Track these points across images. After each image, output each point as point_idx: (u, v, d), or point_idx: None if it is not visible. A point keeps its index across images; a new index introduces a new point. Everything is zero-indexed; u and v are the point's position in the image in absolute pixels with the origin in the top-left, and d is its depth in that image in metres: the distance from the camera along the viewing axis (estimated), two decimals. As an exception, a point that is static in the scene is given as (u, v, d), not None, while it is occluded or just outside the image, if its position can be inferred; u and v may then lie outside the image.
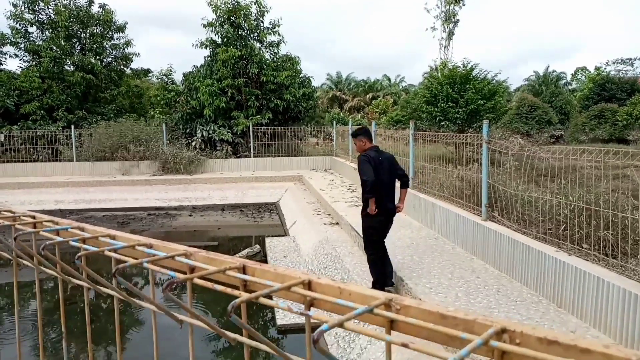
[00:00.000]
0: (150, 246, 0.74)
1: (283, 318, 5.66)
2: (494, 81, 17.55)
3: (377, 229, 5.28)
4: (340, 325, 0.45)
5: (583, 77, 41.60)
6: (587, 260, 4.39)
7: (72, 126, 17.86)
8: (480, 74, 17.40)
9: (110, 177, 16.33)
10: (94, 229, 0.83)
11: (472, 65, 17.42)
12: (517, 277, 5.01)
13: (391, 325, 0.49)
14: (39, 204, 14.12)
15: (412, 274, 5.25)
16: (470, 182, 6.95)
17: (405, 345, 0.42)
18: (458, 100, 16.65)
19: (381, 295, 0.50)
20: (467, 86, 16.73)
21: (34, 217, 0.96)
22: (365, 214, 5.23)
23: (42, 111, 18.67)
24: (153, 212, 13.50)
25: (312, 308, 0.55)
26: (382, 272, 5.26)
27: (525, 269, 4.91)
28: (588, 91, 30.79)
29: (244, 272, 0.61)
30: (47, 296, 7.07)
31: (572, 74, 44.38)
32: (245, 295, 0.50)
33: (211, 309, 6.44)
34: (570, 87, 41.69)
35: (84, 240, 0.80)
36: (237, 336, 0.59)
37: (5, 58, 20.71)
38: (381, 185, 5.09)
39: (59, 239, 0.78)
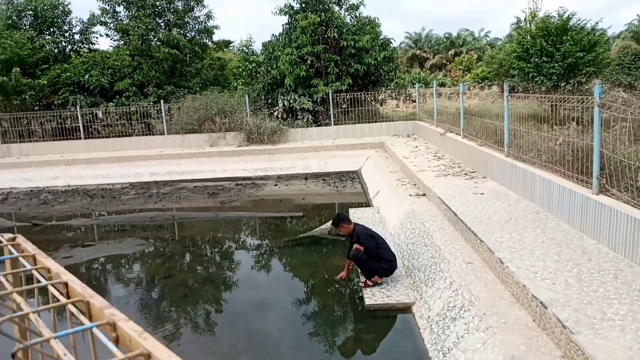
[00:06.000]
0: None
1: (371, 297, 5.54)
2: (594, 31, 15.77)
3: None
4: None
5: None
6: None
7: (162, 101, 18.67)
8: (579, 24, 15.69)
9: (199, 149, 16.98)
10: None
11: (569, 14, 15.72)
12: (639, 261, 4.43)
13: None
14: (136, 176, 15.05)
15: (513, 255, 4.82)
16: (572, 147, 6.25)
17: None
18: (553, 54, 15.21)
19: None
20: (564, 38, 15.19)
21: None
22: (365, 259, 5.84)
23: (134, 88, 19.64)
24: (241, 182, 13.90)
25: None
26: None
27: (647, 251, 4.32)
28: None
29: None
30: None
31: (688, 14, 38.78)
32: None
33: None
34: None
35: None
36: None
37: (97, 37, 21.92)
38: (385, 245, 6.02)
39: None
